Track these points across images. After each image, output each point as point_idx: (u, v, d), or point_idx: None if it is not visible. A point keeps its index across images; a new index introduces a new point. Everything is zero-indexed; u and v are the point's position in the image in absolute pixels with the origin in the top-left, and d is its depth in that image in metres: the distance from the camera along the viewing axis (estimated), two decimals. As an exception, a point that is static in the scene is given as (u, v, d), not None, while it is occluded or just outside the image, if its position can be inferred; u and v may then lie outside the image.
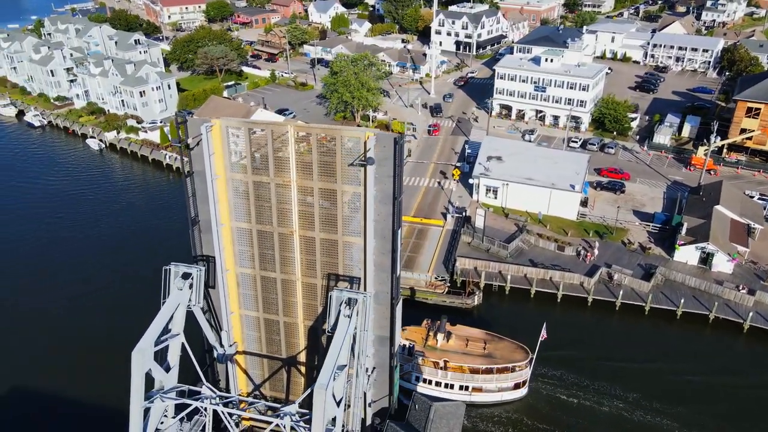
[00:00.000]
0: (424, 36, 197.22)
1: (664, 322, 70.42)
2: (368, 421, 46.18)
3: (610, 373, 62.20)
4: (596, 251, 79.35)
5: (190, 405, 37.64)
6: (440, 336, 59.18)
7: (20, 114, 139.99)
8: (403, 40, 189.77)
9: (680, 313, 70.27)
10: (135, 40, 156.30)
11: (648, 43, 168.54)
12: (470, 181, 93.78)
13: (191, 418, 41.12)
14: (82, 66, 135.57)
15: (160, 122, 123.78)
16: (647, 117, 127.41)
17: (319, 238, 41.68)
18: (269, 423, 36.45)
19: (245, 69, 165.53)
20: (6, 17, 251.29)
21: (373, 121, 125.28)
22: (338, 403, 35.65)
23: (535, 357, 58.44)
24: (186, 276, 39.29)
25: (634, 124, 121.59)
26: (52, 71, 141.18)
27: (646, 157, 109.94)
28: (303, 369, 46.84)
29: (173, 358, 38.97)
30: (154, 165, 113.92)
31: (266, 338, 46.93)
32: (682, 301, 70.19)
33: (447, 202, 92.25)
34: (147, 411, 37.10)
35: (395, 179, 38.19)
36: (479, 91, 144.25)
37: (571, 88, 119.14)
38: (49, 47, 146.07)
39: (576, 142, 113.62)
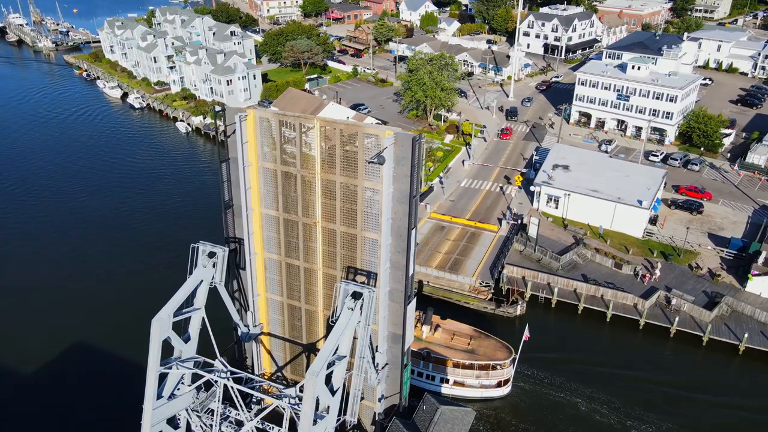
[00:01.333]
0: (513, 37, 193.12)
1: (724, 355, 65.18)
2: (377, 416, 46.86)
3: (659, 399, 58.66)
4: (658, 273, 74.68)
5: (204, 376, 40.14)
6: (426, 328, 59.31)
7: (125, 96, 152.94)
8: (489, 41, 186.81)
9: (743, 348, 64.68)
10: (231, 32, 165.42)
11: (759, 54, 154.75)
12: (531, 188, 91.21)
13: (208, 389, 43.72)
14: (180, 54, 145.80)
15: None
16: (744, 134, 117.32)
17: (340, 231, 42.77)
18: (271, 402, 38.13)
19: (330, 63, 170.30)
20: (129, 7, 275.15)
21: (444, 121, 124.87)
22: (333, 393, 36.61)
23: (518, 357, 58.10)
24: (212, 255, 41.77)
25: (727, 141, 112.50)
26: (154, 58, 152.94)
27: (736, 177, 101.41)
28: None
29: (194, 330, 41.68)
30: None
31: (289, 323, 48.83)
32: (746, 335, 64.58)
33: (506, 208, 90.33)
34: (165, 376, 40.06)
35: (412, 179, 38.39)
36: (561, 96, 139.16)
37: (658, 98, 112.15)
38: (154, 36, 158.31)
39: (657, 155, 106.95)
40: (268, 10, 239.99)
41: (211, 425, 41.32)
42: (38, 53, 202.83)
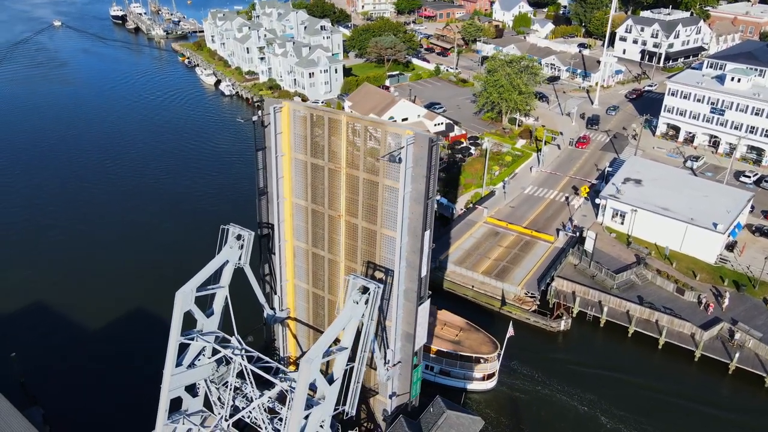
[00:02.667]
0: (611, 42, 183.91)
1: (788, 401, 59.17)
2: (385, 412, 47.30)
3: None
4: (726, 302, 68.89)
5: (220, 351, 42.48)
6: None
7: (218, 83, 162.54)
8: (583, 45, 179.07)
9: (812, 397, 58.39)
10: (321, 26, 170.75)
11: None
12: (597, 200, 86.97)
13: (228, 364, 46.07)
14: (270, 46, 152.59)
15: (321, 102, 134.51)
16: None
17: (361, 226, 43.52)
18: (274, 385, 39.71)
19: (414, 61, 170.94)
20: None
21: (519, 125, 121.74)
22: (332, 382, 37.50)
23: (502, 352, 58.58)
24: (239, 237, 43.95)
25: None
26: (247, 48, 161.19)
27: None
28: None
29: (217, 306, 44.04)
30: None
31: (313, 311, 50.35)
32: (817, 383, 58.19)
33: (567, 220, 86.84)
34: (186, 347, 42.78)
35: (428, 180, 38.30)
36: (652, 107, 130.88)
37: (757, 114, 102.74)
38: (249, 28, 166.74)
39: (749, 177, 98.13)
40: (362, 6, 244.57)
41: (227, 398, 43.57)
42: (151, 40, 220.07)
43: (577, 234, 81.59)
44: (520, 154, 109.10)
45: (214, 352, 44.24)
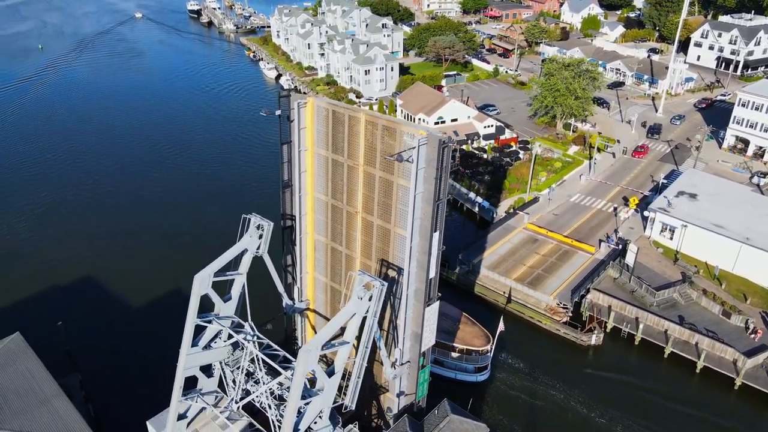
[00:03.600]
0: (685, 47, 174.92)
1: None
2: (394, 410, 47.50)
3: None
4: (777, 331, 64.45)
5: (234, 336, 44.06)
6: None
7: (278, 77, 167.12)
8: (654, 50, 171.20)
9: None
10: (382, 24, 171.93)
11: None
12: (645, 213, 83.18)
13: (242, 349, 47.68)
14: (330, 43, 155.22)
15: (375, 99, 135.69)
16: None
17: (377, 223, 43.85)
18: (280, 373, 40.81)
19: (474, 61, 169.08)
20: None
21: (574, 131, 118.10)
22: (330, 375, 38.12)
23: (493, 347, 59.21)
24: (260, 227, 45.30)
25: None
26: (308, 44, 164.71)
27: None
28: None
29: (235, 292, 45.65)
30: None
31: (331, 305, 51.18)
32: None
33: (612, 231, 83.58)
34: (203, 329, 44.59)
35: (437, 181, 38.11)
36: (722, 118, 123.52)
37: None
38: (311, 24, 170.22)
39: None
40: (428, 5, 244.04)
41: (239, 381, 45.16)
42: (221, 34, 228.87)
43: (620, 246, 78.42)
44: (570, 161, 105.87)
45: (230, 336, 45.95)
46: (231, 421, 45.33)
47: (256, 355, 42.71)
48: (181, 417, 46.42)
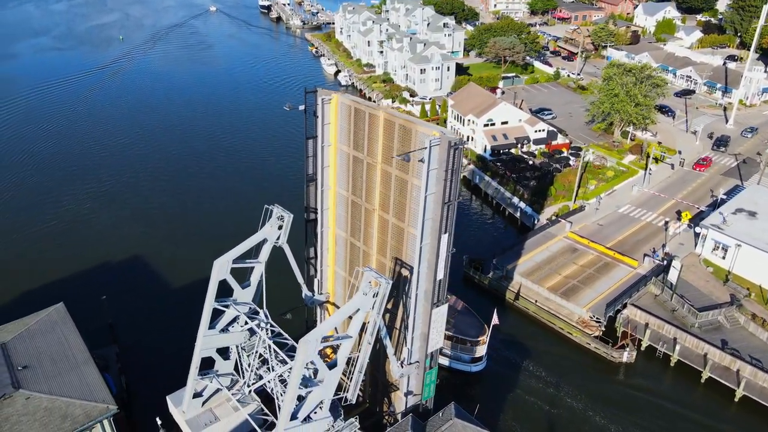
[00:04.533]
0: (767, 56, 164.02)
1: None
2: (401, 408, 47.62)
3: None
4: (832, 365, 59.53)
5: (248, 322, 45.57)
6: None
7: (337, 73, 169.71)
8: (733, 57, 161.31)
9: None
10: (444, 23, 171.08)
11: None
12: (697, 229, 78.77)
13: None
14: (390, 41, 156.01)
15: (428, 99, 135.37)
16: None
17: (392, 222, 44.07)
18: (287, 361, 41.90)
19: (536, 63, 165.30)
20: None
21: (632, 140, 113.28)
22: (332, 367, 38.73)
23: (488, 338, 59.97)
24: (281, 218, 46.51)
25: None
26: (368, 42, 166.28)
27: None
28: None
29: (253, 280, 47.16)
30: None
31: (349, 299, 51.75)
32: None
33: (660, 246, 79.71)
34: (221, 313, 46.33)
35: (446, 183, 37.83)
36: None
37: None
38: (373, 21, 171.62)
39: None
40: (495, 5, 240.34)
41: (253, 366, 46.71)
42: (288, 29, 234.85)
43: (665, 262, 74.70)
44: (624, 170, 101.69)
45: (246, 322, 47.52)
46: (242, 405, 46.95)
47: (267, 343, 44.05)
48: (197, 395, 48.56)
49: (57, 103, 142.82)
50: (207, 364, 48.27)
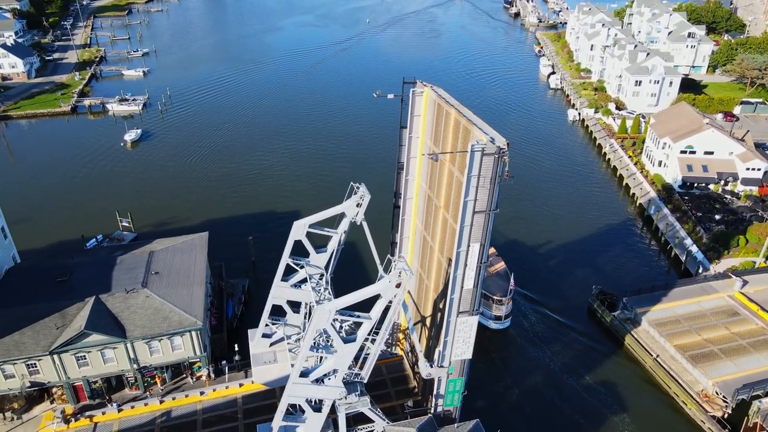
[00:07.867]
0: None
1: None
2: (426, 405, 47.45)
3: None
4: None
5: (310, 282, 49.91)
6: None
7: (551, 75, 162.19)
8: None
9: None
10: (689, 33, 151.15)
11: None
12: None
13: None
14: (613, 47, 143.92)
15: (636, 113, 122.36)
16: None
17: (449, 222, 43.65)
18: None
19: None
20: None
21: None
22: (347, 342, 40.74)
23: (509, 299, 65.85)
24: (362, 196, 49.28)
25: None
26: (592, 45, 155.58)
27: None
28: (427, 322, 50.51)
29: (330, 247, 51.10)
30: (597, 150, 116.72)
31: (418, 287, 52.81)
32: None
33: None
34: (295, 271, 51.41)
35: (477, 190, 36.25)
36: None
37: None
38: (603, 24, 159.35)
39: None
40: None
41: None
42: (523, 26, 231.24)
43: None
44: None
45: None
46: (292, 357, 51.92)
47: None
48: (266, 335, 55.14)
49: (288, 72, 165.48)
50: (282, 312, 54.34)
